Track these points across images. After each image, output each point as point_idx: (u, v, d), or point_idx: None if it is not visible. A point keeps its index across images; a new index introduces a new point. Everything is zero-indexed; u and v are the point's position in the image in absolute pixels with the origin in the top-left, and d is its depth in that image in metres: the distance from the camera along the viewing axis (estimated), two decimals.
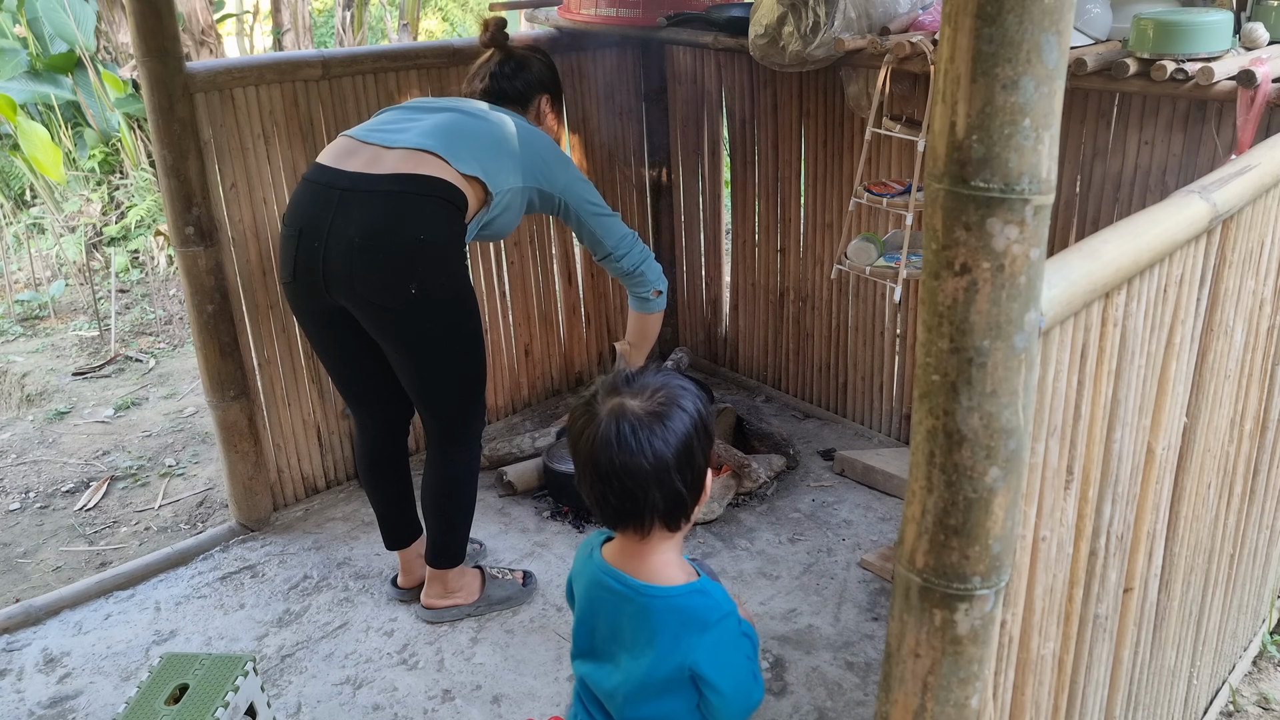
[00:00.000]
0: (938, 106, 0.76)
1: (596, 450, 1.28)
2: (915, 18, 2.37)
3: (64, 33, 5.87)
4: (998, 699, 1.04)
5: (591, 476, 1.31)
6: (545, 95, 2.34)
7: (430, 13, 10.00)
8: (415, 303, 1.95)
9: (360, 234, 1.90)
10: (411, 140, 1.98)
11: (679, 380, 1.36)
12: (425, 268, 1.94)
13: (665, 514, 1.32)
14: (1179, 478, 1.39)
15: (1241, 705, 2.09)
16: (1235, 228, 1.31)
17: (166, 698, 1.78)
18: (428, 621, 2.37)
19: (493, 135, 2.10)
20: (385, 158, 1.96)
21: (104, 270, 5.01)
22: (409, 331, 2.01)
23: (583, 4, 2.93)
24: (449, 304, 2.02)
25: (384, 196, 1.92)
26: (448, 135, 2.02)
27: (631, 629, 1.35)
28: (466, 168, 1.98)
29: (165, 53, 2.34)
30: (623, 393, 1.32)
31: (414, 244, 1.92)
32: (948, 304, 0.78)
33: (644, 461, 1.27)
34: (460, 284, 2.05)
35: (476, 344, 2.14)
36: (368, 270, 1.92)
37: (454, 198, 1.96)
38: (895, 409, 3.08)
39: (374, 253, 1.91)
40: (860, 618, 2.36)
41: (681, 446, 1.29)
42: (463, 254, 2.04)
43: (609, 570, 1.38)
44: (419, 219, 1.92)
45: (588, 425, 1.30)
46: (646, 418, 1.28)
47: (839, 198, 2.96)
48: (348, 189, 1.94)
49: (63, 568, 2.76)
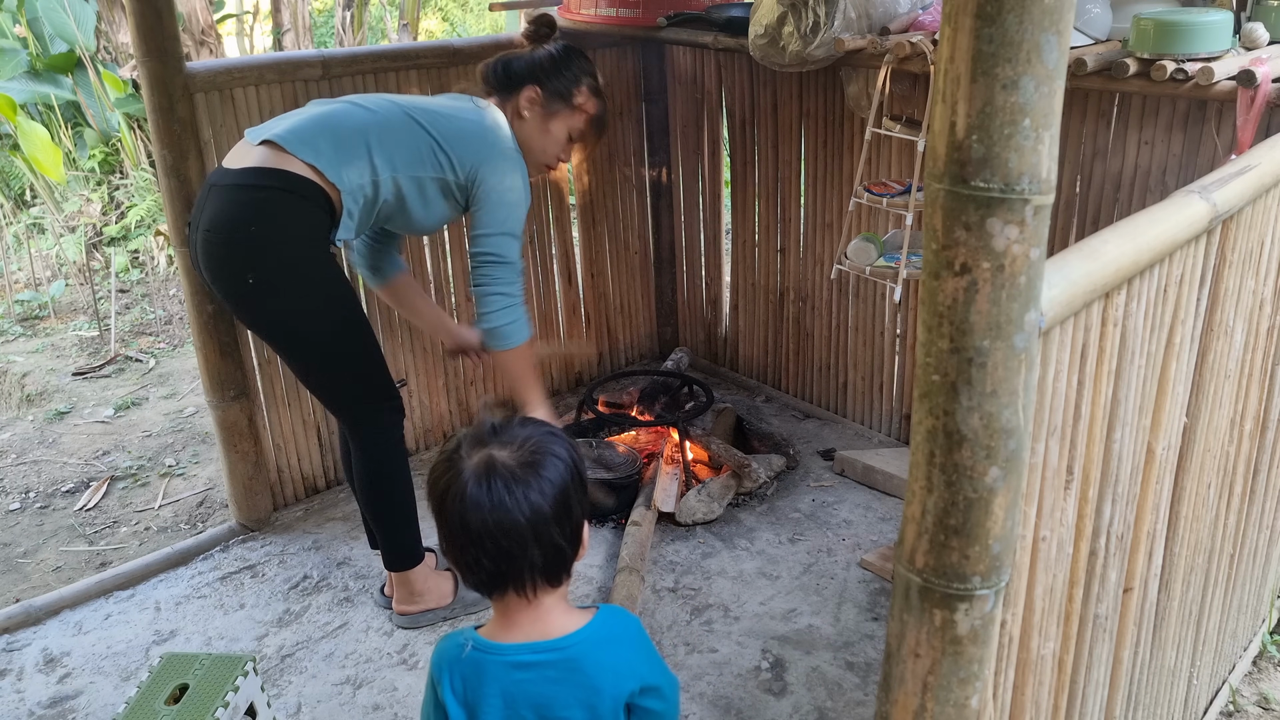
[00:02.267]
0: (938, 106, 0.76)
1: (466, 509, 1.16)
2: (915, 18, 2.37)
3: (64, 33, 5.87)
4: (998, 699, 1.04)
5: (461, 539, 1.18)
6: (533, 86, 2.21)
7: (430, 13, 10.01)
8: (255, 292, 1.99)
9: (206, 226, 1.99)
10: (270, 134, 2.01)
11: (548, 427, 1.26)
12: (262, 257, 1.97)
13: (545, 571, 1.20)
14: (1179, 478, 1.39)
15: (1241, 705, 2.09)
16: (1235, 228, 1.31)
17: (166, 698, 1.78)
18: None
19: (371, 124, 2.05)
20: (249, 154, 2.01)
21: (104, 270, 5.01)
22: (258, 321, 2.07)
23: (583, 4, 2.93)
24: (295, 294, 2.01)
25: (228, 190, 1.98)
26: (307, 128, 2.02)
27: (564, 694, 1.21)
28: (307, 158, 1.98)
29: (165, 53, 2.34)
30: (489, 444, 1.20)
31: (246, 235, 1.96)
32: (948, 304, 0.78)
33: (520, 517, 1.16)
34: (308, 274, 2.01)
35: (347, 336, 2.09)
36: (209, 260, 2.01)
37: (301, 189, 1.96)
38: (895, 409, 3.08)
39: (214, 244, 1.99)
40: (860, 618, 2.36)
41: (558, 497, 1.18)
42: (314, 244, 2.01)
43: (510, 648, 1.22)
44: (252, 210, 1.97)
45: (453, 482, 1.18)
46: (519, 469, 1.17)
47: (839, 198, 2.96)
48: (213, 185, 2.03)
49: (63, 568, 2.76)
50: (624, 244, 3.49)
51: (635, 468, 2.80)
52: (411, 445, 3.12)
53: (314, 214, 2.00)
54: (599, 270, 3.46)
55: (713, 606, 2.41)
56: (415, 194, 2.10)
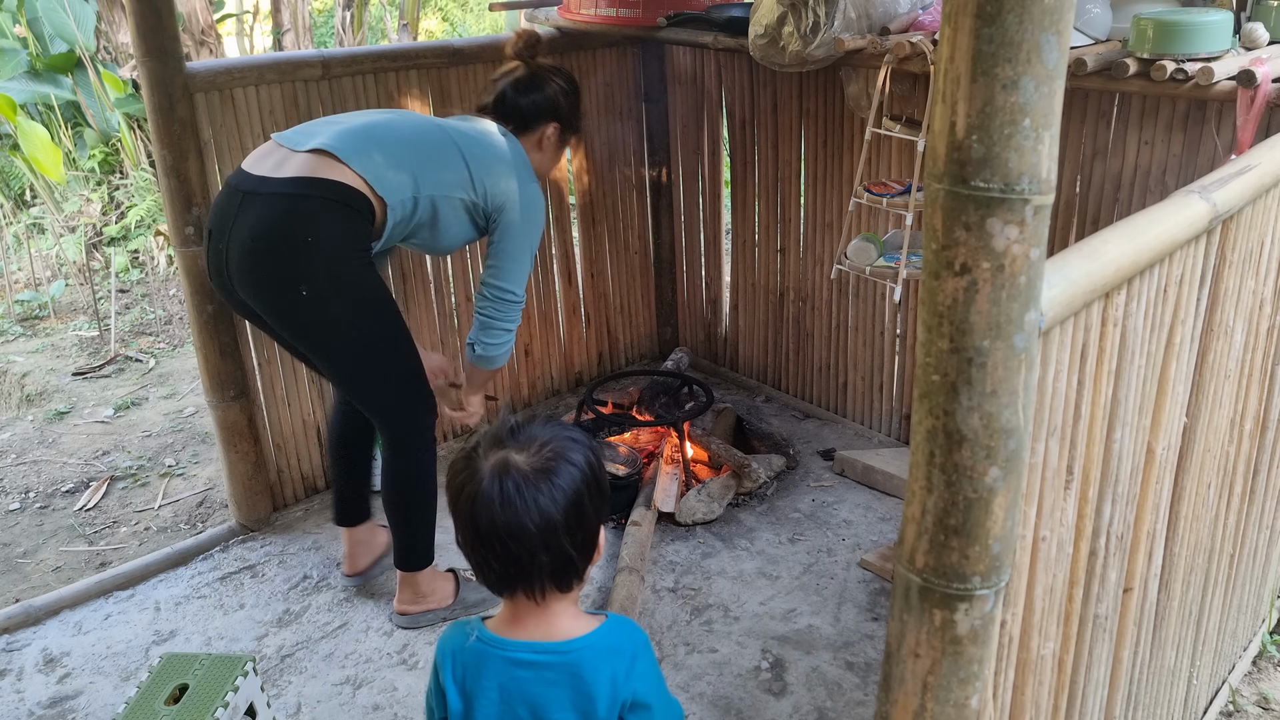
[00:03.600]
0: (938, 106, 0.76)
1: (477, 509, 1.17)
2: (915, 18, 2.37)
3: (64, 33, 5.87)
4: (998, 699, 1.04)
5: (471, 537, 1.19)
6: (554, 124, 2.30)
7: (430, 13, 10.01)
8: (307, 304, 1.97)
9: (251, 236, 1.95)
10: (319, 143, 1.99)
11: (569, 432, 1.24)
12: (315, 269, 1.95)
13: (554, 577, 1.20)
14: (1179, 478, 1.39)
15: (1241, 705, 2.09)
16: (1235, 228, 1.31)
17: (166, 698, 1.78)
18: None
19: (415, 139, 2.07)
20: (291, 161, 1.98)
21: (104, 270, 5.01)
22: (307, 332, 2.04)
23: (583, 4, 2.93)
24: (345, 306, 2.01)
25: (277, 199, 1.95)
26: (356, 138, 2.01)
27: (559, 697, 1.21)
28: (359, 168, 1.98)
29: (165, 53, 2.34)
30: (508, 446, 1.20)
31: (301, 245, 1.94)
32: (948, 304, 0.78)
33: (529, 522, 1.15)
34: (358, 285, 2.02)
35: (391, 346, 2.11)
36: (256, 270, 1.97)
37: (351, 200, 1.96)
38: (895, 409, 3.08)
39: (263, 254, 1.95)
40: (860, 618, 2.36)
41: (571, 505, 1.17)
42: (361, 256, 2.02)
43: (513, 645, 1.22)
44: (308, 221, 1.94)
45: (468, 481, 1.18)
46: (533, 474, 1.17)
47: (839, 198, 2.96)
48: (249, 192, 1.98)
49: (63, 568, 2.76)
50: (624, 244, 3.49)
51: (635, 468, 2.80)
52: None
53: (363, 226, 2.00)
54: (599, 270, 3.46)
55: (713, 606, 2.41)
56: (449, 214, 2.12)
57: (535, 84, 2.29)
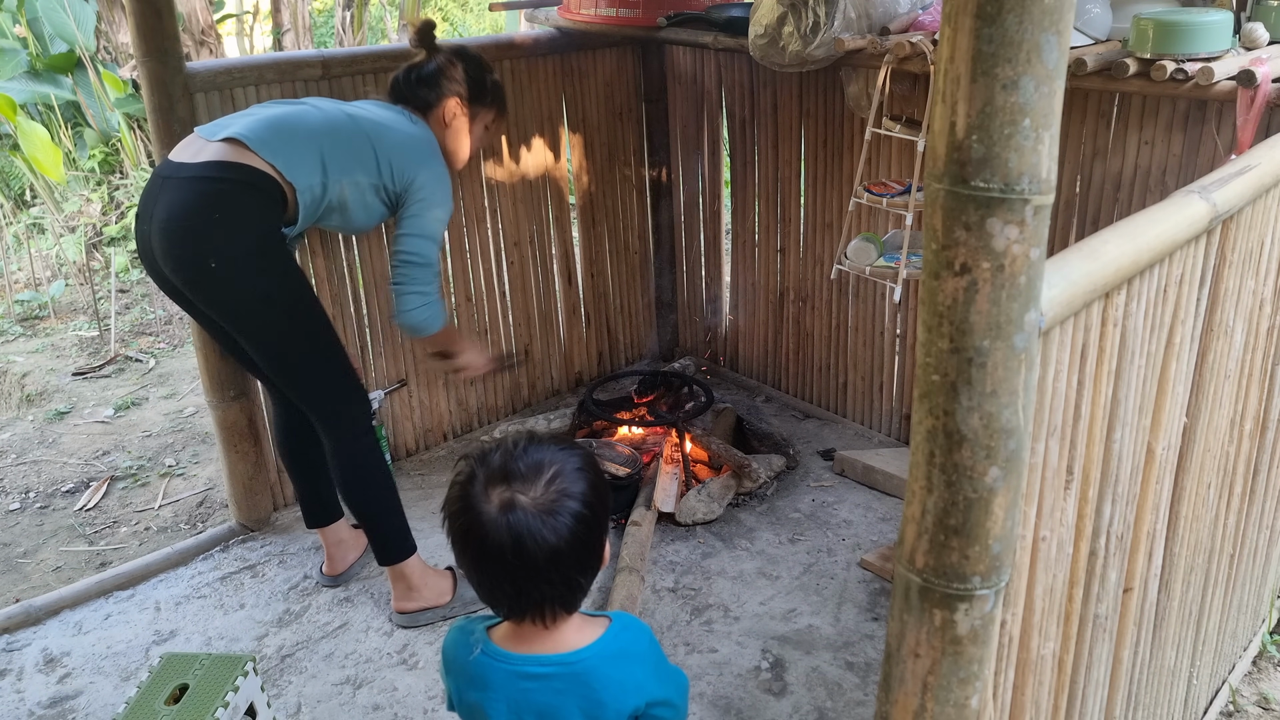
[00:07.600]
0: (938, 106, 0.76)
1: (485, 551, 1.17)
2: (915, 18, 2.37)
3: (64, 33, 5.87)
4: (998, 699, 1.04)
5: (480, 577, 1.20)
6: (453, 99, 2.35)
7: (430, 13, 10.00)
8: (218, 277, 2.05)
9: (167, 216, 2.04)
10: (231, 132, 2.08)
11: (570, 458, 1.22)
12: (223, 243, 2.04)
13: (563, 603, 1.22)
14: (1179, 478, 1.39)
15: (1241, 705, 2.09)
16: (1235, 228, 1.31)
17: (166, 698, 1.78)
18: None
19: (324, 129, 2.16)
20: (207, 149, 2.07)
21: (104, 270, 5.01)
22: (224, 308, 2.12)
23: (583, 4, 2.93)
24: (255, 279, 2.08)
25: (190, 181, 2.04)
26: (267, 127, 2.10)
27: (568, 705, 1.22)
28: (268, 156, 2.07)
29: (165, 53, 2.34)
30: (512, 482, 1.18)
31: (210, 222, 2.03)
32: (948, 304, 0.78)
33: (540, 562, 1.15)
34: (267, 260, 2.10)
35: (307, 325, 2.18)
36: (173, 249, 2.05)
37: (260, 183, 2.05)
38: (895, 409, 3.08)
39: (177, 233, 2.04)
40: (860, 618, 2.36)
41: (580, 539, 1.18)
42: (271, 233, 2.10)
43: (519, 659, 1.23)
44: (217, 199, 2.03)
45: (473, 524, 1.17)
46: (538, 514, 1.15)
47: (839, 198, 2.96)
48: (167, 176, 2.07)
49: (63, 568, 2.76)
50: (624, 244, 3.49)
51: (636, 468, 2.80)
52: (411, 445, 3.12)
53: (273, 208, 2.09)
54: (599, 270, 3.46)
55: (713, 606, 2.41)
56: (357, 197, 2.20)
57: (425, 66, 2.36)
